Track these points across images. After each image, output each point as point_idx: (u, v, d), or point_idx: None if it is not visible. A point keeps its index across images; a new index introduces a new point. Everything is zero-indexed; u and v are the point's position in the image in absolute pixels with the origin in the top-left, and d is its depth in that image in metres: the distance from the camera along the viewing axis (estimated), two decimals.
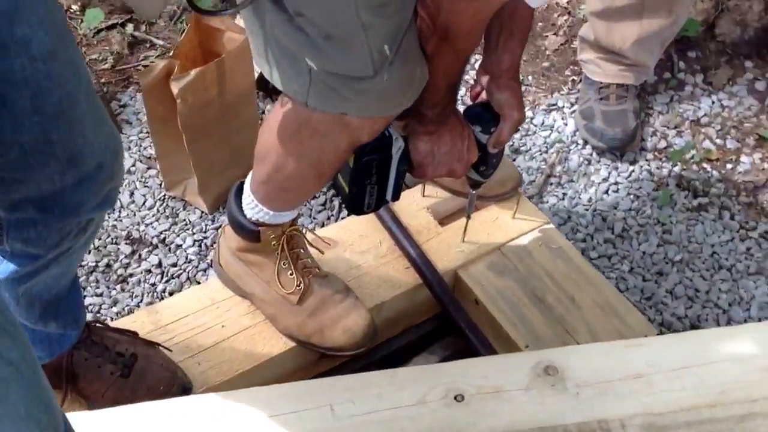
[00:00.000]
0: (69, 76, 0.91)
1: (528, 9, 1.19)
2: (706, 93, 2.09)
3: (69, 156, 0.94)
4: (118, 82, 2.12)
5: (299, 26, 0.96)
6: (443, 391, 1.10)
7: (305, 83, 1.03)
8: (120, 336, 1.29)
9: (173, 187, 1.85)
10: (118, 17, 2.25)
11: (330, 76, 1.01)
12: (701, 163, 1.95)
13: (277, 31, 1.00)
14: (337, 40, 0.96)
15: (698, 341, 1.16)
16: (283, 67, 1.04)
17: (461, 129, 1.23)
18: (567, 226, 1.82)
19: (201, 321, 1.36)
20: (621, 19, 1.88)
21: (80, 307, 1.24)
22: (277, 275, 1.34)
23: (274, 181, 1.23)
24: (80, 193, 0.98)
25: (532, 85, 2.12)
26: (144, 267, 1.75)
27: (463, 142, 1.24)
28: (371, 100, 1.04)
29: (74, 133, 0.93)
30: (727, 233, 1.81)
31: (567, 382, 1.10)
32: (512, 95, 1.23)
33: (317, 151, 1.15)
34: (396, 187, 1.25)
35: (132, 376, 1.24)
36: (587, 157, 1.96)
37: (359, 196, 1.24)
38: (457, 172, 1.27)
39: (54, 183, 0.95)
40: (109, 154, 1.00)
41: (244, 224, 1.31)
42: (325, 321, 1.33)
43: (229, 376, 1.29)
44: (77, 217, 1.03)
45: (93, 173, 0.97)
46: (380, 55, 0.98)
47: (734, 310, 1.69)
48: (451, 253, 1.50)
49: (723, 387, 1.09)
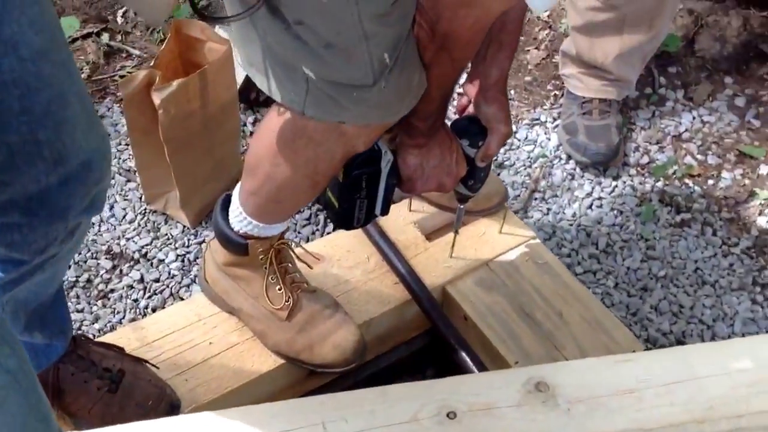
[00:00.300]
0: (60, 77, 0.90)
1: (517, 22, 1.19)
2: (687, 108, 2.12)
3: (56, 156, 0.93)
4: (94, 93, 2.08)
5: (297, 35, 0.95)
6: (435, 409, 1.09)
7: (302, 92, 1.01)
8: (106, 351, 1.26)
9: (154, 201, 1.81)
10: (93, 26, 2.22)
11: (328, 85, 0.99)
12: (683, 178, 1.96)
13: (272, 39, 0.98)
14: (338, 49, 0.95)
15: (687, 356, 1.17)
16: (278, 76, 1.02)
17: (450, 143, 1.23)
18: (552, 241, 1.82)
19: (188, 337, 1.33)
20: (602, 34, 1.89)
21: (66, 318, 1.22)
22: (265, 290, 1.32)
23: (265, 192, 1.21)
24: (67, 195, 0.97)
25: (515, 100, 2.13)
26: (126, 282, 1.71)
27: (452, 156, 1.23)
28: (369, 109, 1.03)
29: (63, 134, 0.92)
30: (709, 249, 1.83)
31: (558, 398, 1.10)
32: (500, 108, 1.23)
33: (312, 160, 1.13)
34: (385, 201, 1.25)
35: (119, 391, 1.21)
36: (570, 172, 1.97)
37: (348, 210, 1.23)
38: (446, 186, 1.26)
39: (40, 183, 0.93)
40: (98, 156, 0.98)
41: (231, 237, 1.29)
42: (315, 337, 1.31)
43: (218, 393, 1.27)
44: (64, 221, 1.01)
45: (80, 174, 0.96)
46: (380, 64, 0.97)
47: (718, 326, 1.70)
48: (439, 268, 1.50)
49: (711, 402, 1.09)
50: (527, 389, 1.11)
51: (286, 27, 0.94)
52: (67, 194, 0.97)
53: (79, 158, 0.95)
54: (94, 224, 1.81)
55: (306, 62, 0.97)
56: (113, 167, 1.91)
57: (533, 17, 2.33)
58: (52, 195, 0.95)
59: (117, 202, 1.85)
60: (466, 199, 1.39)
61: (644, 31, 1.88)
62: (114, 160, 1.93)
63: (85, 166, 0.96)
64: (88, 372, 1.22)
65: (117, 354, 1.26)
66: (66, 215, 1.00)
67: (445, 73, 1.09)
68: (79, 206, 0.99)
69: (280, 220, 1.29)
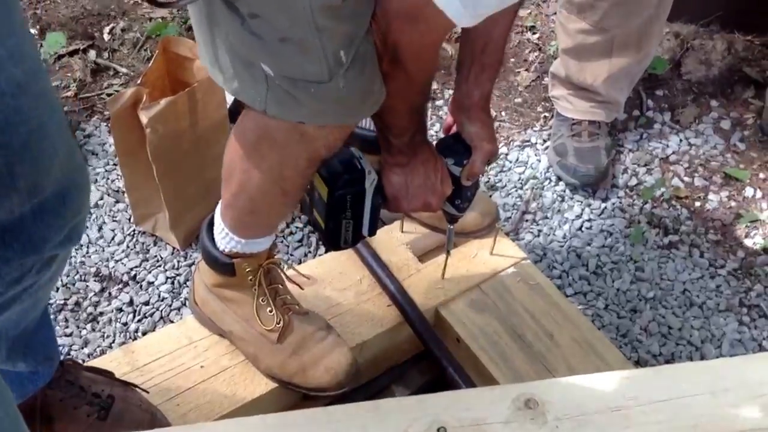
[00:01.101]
0: (40, 109, 0.87)
1: (499, 44, 1.20)
2: (674, 131, 2.14)
3: (31, 187, 0.90)
4: (81, 111, 2.07)
5: (253, 30, 0.96)
6: (426, 424, 1.09)
7: (263, 90, 1.02)
8: (95, 376, 1.23)
9: (143, 222, 1.80)
10: (80, 43, 2.21)
11: (287, 81, 1.00)
12: (671, 200, 1.98)
13: (232, 37, 1.00)
14: (293, 43, 0.96)
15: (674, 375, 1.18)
16: (240, 74, 1.03)
17: (434, 161, 1.23)
18: (543, 263, 1.82)
19: (179, 361, 1.32)
20: (591, 57, 1.91)
21: (52, 343, 1.19)
22: (255, 312, 1.31)
23: (240, 203, 1.21)
24: (42, 228, 0.94)
25: (506, 121, 2.14)
26: (115, 305, 1.69)
27: (436, 174, 1.24)
28: (327, 107, 1.04)
29: (39, 167, 0.90)
30: (697, 271, 1.84)
31: (547, 415, 1.10)
32: (482, 127, 1.25)
33: (278, 164, 1.13)
34: (372, 222, 1.25)
35: (110, 418, 1.19)
36: (560, 193, 1.98)
37: (335, 231, 1.23)
38: (432, 205, 1.27)
39: (13, 213, 0.90)
40: (74, 188, 0.96)
41: (217, 257, 1.28)
42: (307, 360, 1.30)
43: (210, 418, 1.25)
44: (39, 253, 0.98)
45: (56, 206, 0.93)
46: (336, 60, 0.98)
47: (707, 348, 1.71)
48: (431, 290, 1.50)
49: (696, 420, 1.10)
50: (517, 406, 1.11)
51: (243, 22, 0.96)
52: (42, 226, 0.94)
53: (55, 189, 0.92)
54: (83, 246, 1.79)
55: (263, 58, 0.98)
56: (101, 188, 1.90)
57: (524, 39, 2.35)
58: (27, 227, 0.92)
59: (106, 223, 1.84)
60: (455, 219, 1.39)
61: (632, 54, 1.90)
62: (102, 180, 1.92)
63: (60, 197, 0.93)
64: (78, 398, 1.19)
65: (106, 379, 1.24)
66: (41, 248, 0.96)
67: (402, 86, 1.09)
68: (55, 239, 0.97)
69: (262, 235, 1.28)
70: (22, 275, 0.99)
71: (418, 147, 1.20)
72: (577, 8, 1.86)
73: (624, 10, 1.81)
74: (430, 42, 1.05)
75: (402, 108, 1.13)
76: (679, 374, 1.19)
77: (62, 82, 2.13)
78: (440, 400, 1.14)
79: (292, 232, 1.85)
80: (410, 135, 1.17)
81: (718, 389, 1.13)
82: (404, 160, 1.20)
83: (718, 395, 1.12)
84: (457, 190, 1.29)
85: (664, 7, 1.87)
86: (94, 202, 1.87)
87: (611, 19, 1.83)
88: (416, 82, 1.11)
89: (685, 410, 1.10)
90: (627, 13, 1.82)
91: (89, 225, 1.83)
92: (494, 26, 1.16)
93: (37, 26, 2.24)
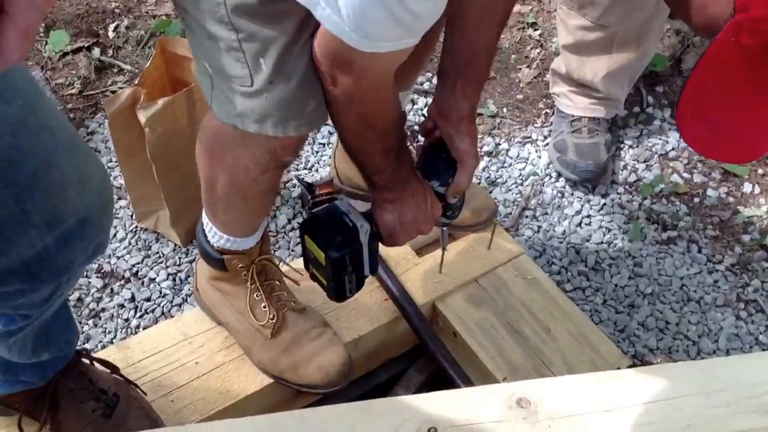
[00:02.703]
0: (44, 142, 0.85)
1: (484, 56, 1.18)
2: (674, 127, 2.13)
3: (49, 220, 0.88)
4: (85, 108, 2.09)
5: (190, 26, 0.98)
6: (417, 424, 1.09)
7: (209, 86, 1.03)
8: (103, 370, 1.24)
9: (144, 219, 1.82)
10: (84, 40, 2.23)
11: (221, 80, 1.00)
12: (670, 196, 1.98)
13: (186, 32, 1.03)
14: (217, 40, 0.96)
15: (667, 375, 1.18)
16: (199, 68, 1.06)
17: (422, 190, 1.20)
18: (543, 258, 1.83)
19: (174, 357, 1.33)
20: (591, 53, 1.91)
21: (72, 326, 1.19)
22: (250, 306, 1.31)
23: (212, 202, 1.22)
24: (67, 253, 0.93)
25: (507, 118, 2.15)
26: (117, 301, 1.71)
27: (426, 202, 1.21)
28: (255, 115, 1.02)
29: (53, 198, 0.88)
30: (695, 266, 1.84)
31: (539, 414, 1.10)
32: (472, 143, 1.22)
33: (230, 168, 1.13)
34: (372, 262, 1.22)
35: (113, 419, 1.19)
36: (561, 189, 1.98)
37: (339, 286, 1.21)
38: (425, 230, 1.25)
39: (35, 247, 0.89)
40: (95, 211, 0.94)
41: (209, 252, 1.30)
42: (299, 358, 1.31)
43: (205, 414, 1.26)
44: (68, 273, 0.97)
45: (78, 231, 0.92)
46: (255, 66, 0.97)
47: (703, 342, 1.71)
48: (428, 284, 1.50)
49: (689, 421, 1.10)
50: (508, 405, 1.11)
51: (184, 17, 0.98)
52: (66, 252, 0.93)
53: (76, 216, 0.91)
54: None
55: (201, 54, 1.00)
56: None
57: (525, 36, 2.35)
58: (51, 255, 0.91)
59: None
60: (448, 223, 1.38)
61: (632, 50, 1.90)
62: None
63: (82, 223, 0.92)
64: (86, 391, 1.20)
65: (112, 376, 1.24)
66: (69, 269, 0.96)
67: (361, 129, 1.07)
68: (81, 259, 0.96)
69: (244, 234, 1.27)
70: (52, 294, 0.99)
71: (405, 180, 1.16)
72: (578, 4, 1.86)
73: (624, 7, 1.81)
74: (369, 87, 1.00)
75: (372, 149, 1.10)
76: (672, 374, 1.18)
77: (66, 80, 2.14)
78: (431, 399, 1.14)
79: (293, 228, 1.86)
80: (391, 172, 1.13)
81: (711, 390, 1.13)
82: (391, 195, 1.17)
83: (711, 396, 1.12)
84: (446, 205, 1.27)
85: (664, 5, 1.87)
86: None
87: (611, 16, 1.83)
88: (377, 128, 1.07)
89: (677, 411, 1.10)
90: (627, 10, 1.82)
91: None
92: (477, 37, 1.15)
93: (42, 24, 2.26)
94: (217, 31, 0.95)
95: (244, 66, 0.97)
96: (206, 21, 0.95)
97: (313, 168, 1.99)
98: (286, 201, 1.91)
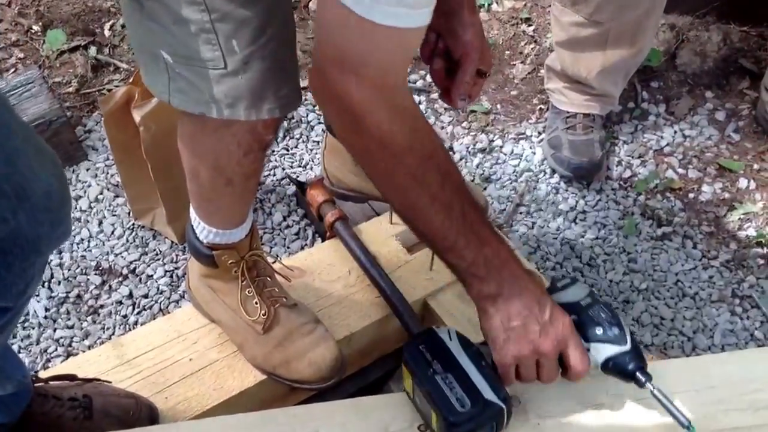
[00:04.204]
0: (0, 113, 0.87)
1: None
2: (669, 123, 2.14)
3: (17, 190, 0.90)
4: (82, 107, 2.10)
5: (151, 16, 0.96)
6: (407, 421, 1.10)
7: (166, 80, 1.01)
8: (61, 382, 1.24)
9: (141, 217, 1.83)
10: (81, 39, 2.24)
11: (186, 68, 0.98)
12: (665, 192, 1.98)
13: (135, 27, 1.00)
14: (187, 23, 0.94)
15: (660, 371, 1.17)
16: (147, 66, 1.03)
17: (537, 293, 0.97)
18: (537, 254, 1.84)
19: (168, 354, 1.33)
20: (585, 49, 1.92)
21: (22, 364, 1.20)
22: (241, 303, 1.31)
23: (196, 192, 1.22)
24: (35, 225, 0.94)
25: (501, 114, 2.15)
26: (115, 298, 1.72)
27: (545, 312, 0.96)
28: (227, 99, 0.99)
29: (18, 165, 0.90)
30: (690, 262, 1.85)
31: (529, 413, 1.10)
32: (476, 33, 1.08)
33: (212, 152, 1.11)
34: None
35: (95, 414, 1.20)
36: (555, 185, 1.99)
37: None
38: (546, 356, 0.98)
39: (8, 223, 0.90)
40: (56, 181, 0.96)
41: (199, 249, 1.30)
42: (292, 353, 1.31)
43: (199, 411, 1.26)
44: (40, 254, 0.99)
45: (44, 202, 0.94)
46: (228, 48, 0.95)
47: (698, 338, 1.72)
48: (420, 281, 1.51)
49: None
50: None
51: (141, 7, 0.96)
52: (34, 225, 0.94)
53: (40, 187, 0.93)
54: (83, 240, 1.83)
55: (162, 44, 0.98)
56: (101, 182, 1.93)
57: (519, 31, 2.36)
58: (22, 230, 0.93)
59: (105, 218, 1.87)
60: None
61: (626, 47, 1.91)
62: (102, 175, 1.95)
63: (47, 195, 0.94)
64: (57, 407, 1.20)
65: (72, 383, 1.25)
66: (38, 247, 0.97)
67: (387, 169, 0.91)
68: (47, 234, 0.98)
69: (230, 225, 1.26)
70: (26, 284, 1.00)
71: (501, 268, 0.95)
72: (571, 1, 1.87)
73: (617, 4, 1.82)
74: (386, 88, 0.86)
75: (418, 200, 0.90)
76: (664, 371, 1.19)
77: (64, 78, 2.16)
78: None
79: (288, 225, 1.87)
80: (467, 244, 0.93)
81: (703, 387, 1.14)
82: (486, 289, 0.96)
83: (703, 393, 1.13)
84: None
85: (659, 2, 1.87)
86: (95, 197, 1.91)
87: (604, 12, 1.83)
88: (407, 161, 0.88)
89: None
90: (620, 6, 1.82)
91: (90, 219, 1.86)
92: None
93: (40, 23, 2.27)
94: (189, 14, 0.94)
95: (216, 48, 0.95)
96: (175, 5, 0.94)
97: (308, 166, 2.00)
98: (281, 198, 1.92)
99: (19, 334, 1.66)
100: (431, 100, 2.17)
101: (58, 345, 1.65)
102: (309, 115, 2.11)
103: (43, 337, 1.66)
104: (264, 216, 1.88)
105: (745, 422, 1.10)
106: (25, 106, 1.89)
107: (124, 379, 1.30)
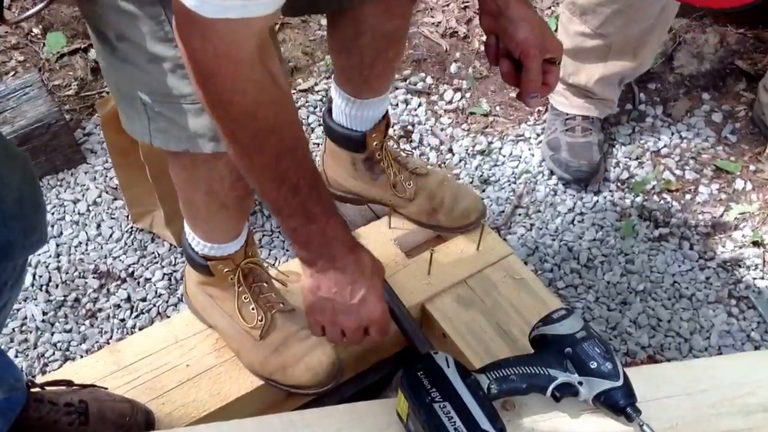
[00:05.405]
0: None
1: None
2: (666, 125, 2.14)
3: None
4: (82, 110, 2.10)
5: (124, 56, 0.95)
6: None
7: (145, 122, 1.01)
8: (57, 388, 1.25)
9: (140, 220, 1.83)
10: (81, 42, 2.24)
11: (165, 106, 0.98)
12: (662, 193, 1.99)
13: (111, 71, 1.00)
14: (162, 61, 0.94)
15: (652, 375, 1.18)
16: (126, 111, 1.03)
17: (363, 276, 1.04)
18: (535, 256, 1.84)
19: (165, 360, 1.33)
20: (588, 60, 1.93)
21: (12, 366, 1.20)
22: (238, 309, 1.32)
23: (191, 214, 1.22)
24: (6, 232, 0.93)
25: (500, 116, 2.16)
26: (113, 302, 1.73)
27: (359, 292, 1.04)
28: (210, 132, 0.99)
29: None
30: (687, 263, 1.85)
31: (523, 417, 1.11)
32: (531, 28, 1.04)
33: (205, 179, 1.12)
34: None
35: (91, 419, 1.21)
36: (553, 187, 1.99)
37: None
38: (348, 329, 1.08)
39: None
40: (27, 186, 0.95)
41: (195, 259, 1.30)
42: (288, 358, 1.32)
43: (196, 417, 1.27)
44: (10, 260, 0.98)
45: (16, 209, 0.93)
46: None
47: (695, 339, 1.73)
48: (418, 285, 1.51)
49: (673, 422, 1.11)
50: None
51: (113, 50, 0.96)
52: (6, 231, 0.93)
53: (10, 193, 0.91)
54: (82, 243, 1.84)
55: (139, 85, 0.97)
56: (100, 185, 1.93)
57: None
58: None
59: (104, 221, 1.87)
60: None
61: (628, 60, 1.92)
62: (101, 178, 1.95)
63: (18, 200, 0.93)
64: (53, 413, 1.20)
65: (69, 388, 1.25)
66: (9, 253, 0.96)
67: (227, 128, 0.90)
68: (20, 242, 0.96)
69: (226, 240, 1.27)
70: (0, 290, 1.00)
71: (330, 245, 0.99)
72: (580, 11, 1.87)
73: (625, 18, 1.83)
74: (225, 55, 0.82)
75: (254, 168, 0.92)
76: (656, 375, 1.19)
77: (63, 81, 2.16)
78: None
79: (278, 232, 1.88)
80: (298, 220, 0.96)
81: (695, 390, 1.14)
82: (308, 257, 1.00)
83: (695, 396, 1.14)
84: None
85: (664, 18, 1.89)
86: (93, 200, 1.91)
87: (611, 26, 1.84)
88: (248, 127, 0.88)
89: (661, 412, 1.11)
90: (627, 21, 1.83)
91: (88, 222, 1.87)
92: None
93: (40, 26, 2.28)
94: (162, 51, 0.94)
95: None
96: (147, 43, 0.93)
97: None
98: None
99: (16, 338, 1.67)
100: (431, 102, 2.17)
101: (55, 349, 1.65)
102: (309, 117, 2.12)
103: (40, 341, 1.67)
104: (263, 218, 1.89)
105: (737, 426, 1.11)
106: (24, 109, 1.90)
107: (121, 385, 1.30)
